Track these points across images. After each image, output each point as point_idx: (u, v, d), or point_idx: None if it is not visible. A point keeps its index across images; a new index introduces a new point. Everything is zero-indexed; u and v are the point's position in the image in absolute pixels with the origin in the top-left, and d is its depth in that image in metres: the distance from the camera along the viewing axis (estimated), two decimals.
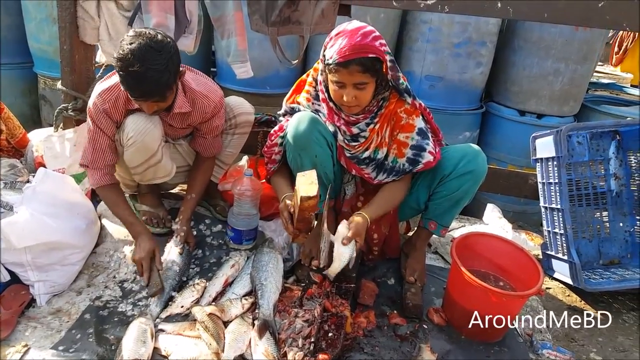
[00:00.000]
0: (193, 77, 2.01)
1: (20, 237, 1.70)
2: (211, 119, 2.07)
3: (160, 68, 1.68)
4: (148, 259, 1.86)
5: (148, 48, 1.66)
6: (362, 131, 1.86)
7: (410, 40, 3.71)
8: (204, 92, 2.00)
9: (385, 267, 2.18)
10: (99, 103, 1.89)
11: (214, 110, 2.05)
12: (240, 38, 2.35)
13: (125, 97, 1.88)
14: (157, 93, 1.75)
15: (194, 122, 2.07)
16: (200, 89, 1.99)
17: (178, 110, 1.94)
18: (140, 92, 1.73)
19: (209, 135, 2.13)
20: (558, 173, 2.35)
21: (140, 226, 1.99)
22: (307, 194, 1.60)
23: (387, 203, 1.93)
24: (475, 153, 1.90)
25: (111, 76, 1.94)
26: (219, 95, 2.07)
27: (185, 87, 1.96)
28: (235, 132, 2.23)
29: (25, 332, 1.67)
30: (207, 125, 2.10)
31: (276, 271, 1.90)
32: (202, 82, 2.03)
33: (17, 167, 2.25)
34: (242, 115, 2.20)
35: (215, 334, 1.60)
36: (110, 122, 1.93)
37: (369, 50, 1.63)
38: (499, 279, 1.96)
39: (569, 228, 2.29)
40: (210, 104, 2.02)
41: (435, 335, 1.84)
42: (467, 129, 3.84)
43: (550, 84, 3.68)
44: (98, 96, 1.89)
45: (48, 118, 3.94)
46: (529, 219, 3.80)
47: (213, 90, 2.05)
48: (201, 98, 1.99)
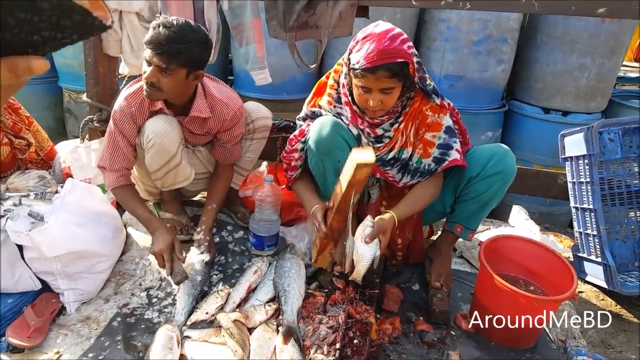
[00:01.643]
0: (215, 85, 2.05)
1: (51, 247, 1.74)
2: (231, 128, 2.10)
3: (185, 37, 1.73)
4: (168, 250, 1.87)
5: (188, 22, 1.77)
6: (386, 132, 1.84)
7: (428, 40, 3.66)
8: (224, 99, 2.03)
9: (409, 273, 2.14)
10: (125, 106, 1.94)
11: (232, 119, 2.07)
12: (258, 45, 2.36)
13: (149, 101, 1.93)
14: (167, 52, 1.73)
15: (212, 130, 2.09)
16: (220, 96, 2.02)
17: (196, 114, 1.97)
18: (154, 40, 1.73)
19: (228, 144, 2.15)
20: (590, 172, 2.28)
21: (157, 221, 2.00)
22: (363, 160, 1.53)
23: (416, 202, 1.86)
24: (504, 153, 1.86)
25: (135, 83, 1.99)
26: (239, 104, 2.09)
27: (206, 92, 1.99)
28: (254, 137, 2.24)
29: (56, 339, 1.70)
30: (227, 135, 2.12)
31: (299, 277, 1.88)
32: (223, 90, 2.06)
33: (46, 178, 2.30)
34: (260, 119, 2.21)
35: (241, 340, 1.59)
36: (134, 126, 1.97)
37: (397, 55, 1.60)
38: (530, 283, 1.91)
39: (602, 229, 2.21)
40: (229, 111, 2.04)
41: (463, 341, 1.80)
42: (489, 128, 3.76)
43: (575, 80, 3.58)
44: (124, 100, 1.94)
45: (73, 130, 4.03)
46: (556, 220, 3.70)
47: (233, 99, 2.07)
48: (220, 105, 2.02)
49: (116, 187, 2.03)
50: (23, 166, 2.44)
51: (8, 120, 2.34)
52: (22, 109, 2.41)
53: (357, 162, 1.53)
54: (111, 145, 2.00)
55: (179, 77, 1.81)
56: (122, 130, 1.96)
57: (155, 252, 1.90)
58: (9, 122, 2.34)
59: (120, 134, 1.97)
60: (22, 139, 2.39)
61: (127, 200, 2.05)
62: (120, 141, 1.98)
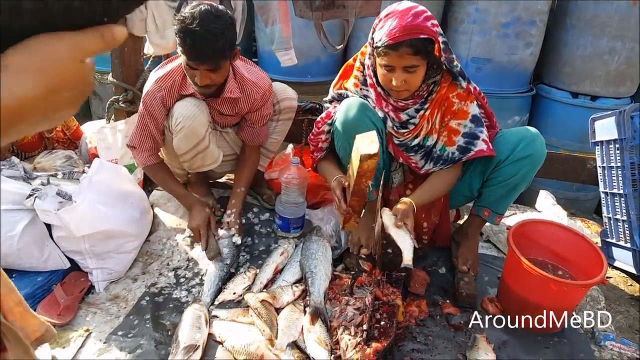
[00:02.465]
0: (244, 65, 2.05)
1: (79, 226, 1.76)
2: (260, 107, 2.10)
3: (216, 31, 1.72)
4: (205, 226, 1.98)
5: (208, 12, 1.73)
6: (411, 118, 1.81)
7: (455, 22, 3.58)
8: (254, 79, 2.03)
9: (435, 256, 2.13)
10: (156, 90, 1.95)
11: (262, 98, 2.07)
12: (284, 25, 2.34)
13: (180, 83, 1.94)
14: (212, 57, 1.77)
15: (242, 110, 2.09)
16: (250, 76, 2.02)
17: (228, 95, 1.97)
18: (196, 52, 1.75)
19: (257, 124, 2.14)
20: (621, 156, 2.22)
21: (192, 197, 2.10)
22: (367, 152, 1.51)
23: (434, 190, 1.86)
24: (533, 136, 1.82)
25: (166, 64, 2.00)
26: (268, 83, 2.08)
27: (235, 73, 1.99)
28: (280, 118, 2.24)
29: (86, 317, 1.73)
30: (256, 115, 2.12)
31: (325, 259, 1.89)
32: (252, 70, 2.06)
33: (72, 158, 2.33)
34: (286, 100, 2.20)
35: (269, 320, 1.60)
36: (163, 109, 1.99)
37: (420, 31, 1.57)
38: (558, 267, 1.88)
39: (632, 214, 2.17)
40: (259, 91, 2.03)
41: (490, 325, 1.78)
42: (516, 113, 3.69)
43: (605, 64, 3.48)
44: (154, 83, 1.95)
45: (98, 111, 4.06)
46: (582, 206, 3.64)
47: (262, 78, 2.07)
48: (250, 85, 2.01)
49: (148, 165, 2.09)
50: (50, 146, 2.47)
51: None
52: None
53: (360, 154, 1.52)
54: (141, 127, 2.03)
55: (226, 67, 1.86)
56: (152, 113, 1.98)
57: (192, 227, 1.99)
58: None
59: (150, 116, 1.99)
60: None
61: (160, 177, 2.12)
62: (149, 123, 2.00)
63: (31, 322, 1.28)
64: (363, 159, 1.53)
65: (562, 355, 1.69)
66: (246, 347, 1.55)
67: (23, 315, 1.22)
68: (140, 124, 2.03)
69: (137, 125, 2.04)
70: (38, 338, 1.33)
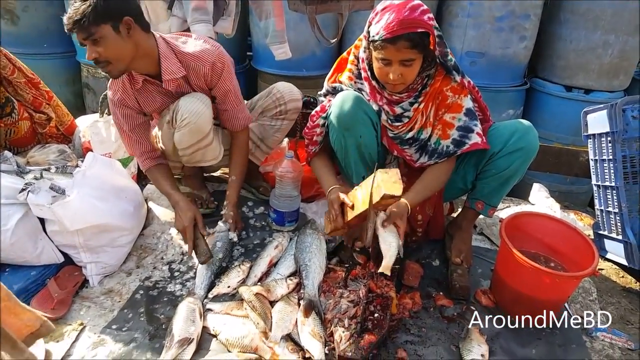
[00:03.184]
0: (186, 40, 1.96)
1: (73, 220, 1.75)
2: (218, 81, 1.99)
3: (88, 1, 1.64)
4: (191, 226, 1.89)
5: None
6: (405, 111, 1.81)
7: (450, 16, 3.59)
8: (196, 53, 1.92)
9: (429, 249, 2.14)
10: (112, 96, 1.97)
11: (213, 70, 1.95)
12: (278, 19, 2.33)
13: (128, 80, 1.93)
14: (80, 23, 1.65)
15: (200, 87, 2.00)
16: (191, 50, 1.92)
17: (169, 76, 1.88)
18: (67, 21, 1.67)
19: (227, 105, 2.06)
20: (612, 149, 2.24)
21: (178, 195, 2.00)
22: (391, 193, 1.55)
23: (428, 188, 1.86)
24: (526, 129, 1.83)
25: None
26: (214, 54, 1.94)
27: (175, 51, 1.90)
28: (286, 118, 2.24)
29: (80, 311, 1.73)
30: (219, 91, 2.02)
31: (319, 252, 1.89)
32: (197, 44, 1.95)
33: (66, 152, 2.31)
34: (292, 102, 2.20)
35: (263, 313, 1.61)
36: (130, 110, 1.99)
37: (418, 25, 1.57)
38: (550, 259, 1.89)
39: (624, 206, 2.18)
40: (205, 64, 1.92)
41: (483, 317, 1.79)
42: (510, 106, 3.71)
43: (599, 58, 3.50)
44: (109, 90, 1.98)
45: (92, 105, 4.04)
46: (576, 199, 3.67)
47: (207, 50, 1.94)
48: (193, 60, 1.91)
49: (149, 169, 2.09)
50: (43, 141, 2.45)
51: (28, 95, 2.34)
52: (42, 84, 2.41)
53: (384, 193, 1.54)
54: (123, 136, 2.06)
55: (110, 38, 1.71)
56: (122, 119, 1.99)
57: (179, 229, 1.92)
58: (29, 97, 2.34)
59: (124, 122, 2.00)
60: (42, 114, 2.39)
61: (154, 179, 2.11)
62: (127, 130, 2.02)
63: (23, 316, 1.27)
64: (385, 197, 1.55)
65: (554, 346, 1.70)
66: (240, 339, 1.55)
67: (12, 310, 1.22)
68: (120, 134, 2.06)
69: (122, 137, 2.08)
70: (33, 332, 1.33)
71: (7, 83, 2.28)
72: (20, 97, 2.33)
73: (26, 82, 2.33)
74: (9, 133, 2.30)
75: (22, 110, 2.32)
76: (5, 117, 2.26)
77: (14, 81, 2.29)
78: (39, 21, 3.98)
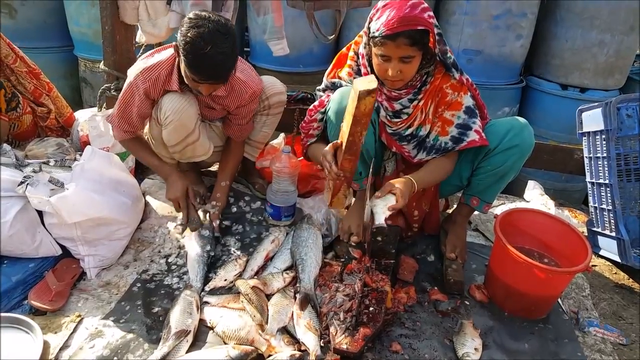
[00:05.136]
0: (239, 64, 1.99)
1: (71, 213, 1.76)
2: (247, 104, 2.09)
3: (227, 52, 1.71)
4: (183, 197, 1.99)
5: (216, 32, 1.68)
6: (404, 107, 1.83)
7: (447, 14, 3.60)
8: (244, 78, 2.01)
9: (424, 244, 2.16)
10: (140, 81, 1.92)
11: (251, 96, 2.06)
12: (276, 15, 2.34)
13: (165, 77, 1.91)
14: (223, 76, 1.78)
15: (229, 106, 2.08)
16: (240, 74, 1.99)
17: (215, 92, 1.94)
18: (209, 75, 1.75)
19: (243, 120, 2.14)
20: (607, 147, 2.27)
21: (169, 166, 2.07)
22: (366, 88, 1.47)
23: (432, 174, 1.87)
24: (521, 126, 1.84)
25: (153, 54, 1.97)
26: (258, 82, 2.08)
27: None
28: (270, 112, 2.22)
29: (77, 303, 1.74)
30: (243, 110, 2.11)
31: (316, 246, 1.91)
32: (245, 69, 2.04)
33: (64, 145, 2.31)
34: (275, 96, 2.17)
35: (259, 306, 1.63)
36: (146, 100, 1.97)
37: (418, 23, 1.58)
38: (544, 255, 1.92)
39: (617, 204, 2.21)
40: (247, 90, 2.02)
41: (477, 311, 1.82)
42: (506, 104, 3.72)
43: (594, 56, 3.51)
44: (140, 74, 1.92)
45: (89, 100, 4.04)
46: (570, 196, 3.69)
47: (253, 78, 2.06)
48: (240, 84, 2.00)
49: (123, 140, 2.11)
50: (43, 134, 2.46)
51: (30, 85, 2.35)
52: (43, 75, 2.42)
53: (359, 91, 1.48)
54: (121, 109, 2.01)
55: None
56: (133, 101, 1.97)
57: (171, 198, 1.99)
58: (31, 87, 2.36)
59: (131, 104, 1.98)
60: (43, 106, 2.40)
61: (137, 150, 2.13)
62: (129, 108, 1.99)
63: None
64: (361, 96, 1.47)
65: (547, 341, 1.73)
66: (237, 332, 1.57)
67: None
68: (120, 105, 2.01)
69: (119, 106, 2.01)
70: None
71: (10, 71, 2.29)
72: (21, 87, 2.35)
73: (27, 72, 2.35)
74: (13, 127, 2.33)
75: (25, 105, 2.35)
76: (11, 112, 2.29)
77: (16, 70, 2.30)
78: (36, 15, 3.97)
